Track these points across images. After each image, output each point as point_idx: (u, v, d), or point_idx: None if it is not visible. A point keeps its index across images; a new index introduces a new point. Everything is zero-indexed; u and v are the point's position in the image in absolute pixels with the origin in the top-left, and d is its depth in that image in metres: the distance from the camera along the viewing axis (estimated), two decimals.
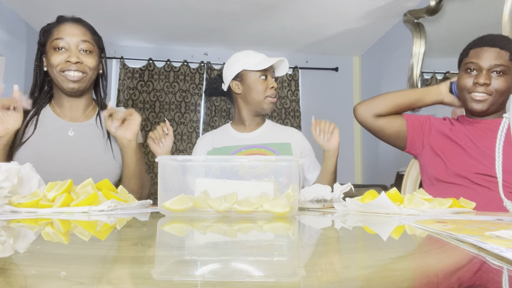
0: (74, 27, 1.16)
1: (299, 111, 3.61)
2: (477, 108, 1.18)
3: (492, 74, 1.15)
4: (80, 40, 1.15)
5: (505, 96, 1.18)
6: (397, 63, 3.05)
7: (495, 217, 0.70)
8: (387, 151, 3.25)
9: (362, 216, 0.75)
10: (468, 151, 1.19)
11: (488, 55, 1.15)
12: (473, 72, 1.18)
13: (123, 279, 0.29)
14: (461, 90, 1.22)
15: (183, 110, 3.52)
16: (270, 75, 1.44)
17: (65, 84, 1.15)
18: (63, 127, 1.20)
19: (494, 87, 1.15)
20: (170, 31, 3.29)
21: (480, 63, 1.16)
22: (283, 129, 1.54)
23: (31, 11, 2.87)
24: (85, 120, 1.24)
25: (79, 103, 1.23)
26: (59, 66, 1.12)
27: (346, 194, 1.02)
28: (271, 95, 1.42)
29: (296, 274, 0.32)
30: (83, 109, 1.25)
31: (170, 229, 0.60)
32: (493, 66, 1.14)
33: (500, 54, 1.14)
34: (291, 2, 2.72)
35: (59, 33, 1.14)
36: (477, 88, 1.16)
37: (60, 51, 1.13)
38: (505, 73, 1.14)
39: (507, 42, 1.17)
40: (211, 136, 1.53)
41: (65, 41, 1.13)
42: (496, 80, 1.15)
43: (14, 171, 0.77)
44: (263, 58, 1.44)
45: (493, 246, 0.37)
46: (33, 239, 0.49)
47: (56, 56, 1.13)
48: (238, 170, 0.76)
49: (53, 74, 1.15)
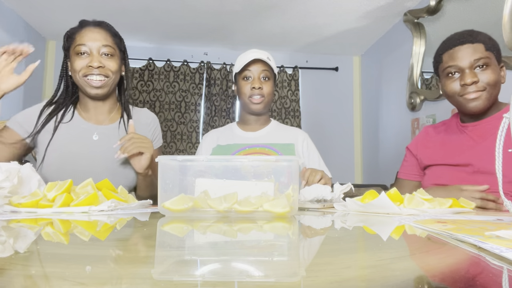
0: (96, 32, 1.18)
1: (299, 111, 3.60)
2: (475, 106, 1.11)
3: (476, 70, 1.10)
4: (101, 44, 1.16)
5: (499, 88, 1.12)
6: (397, 63, 3.05)
7: (495, 217, 0.70)
8: (387, 151, 3.25)
9: (362, 216, 0.75)
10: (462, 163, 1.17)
11: (463, 54, 1.10)
12: (455, 75, 1.13)
13: (123, 279, 0.29)
14: (452, 96, 1.16)
15: (183, 110, 3.52)
16: (255, 75, 1.41)
17: (88, 89, 1.17)
18: (88, 130, 1.22)
19: (485, 82, 1.08)
20: (170, 31, 3.29)
21: (459, 63, 1.11)
22: (288, 129, 1.54)
23: (31, 11, 2.87)
24: (110, 123, 1.26)
25: (103, 106, 1.25)
26: (82, 71, 1.15)
27: (346, 194, 1.02)
28: (252, 96, 1.40)
29: (296, 274, 0.32)
30: (108, 111, 1.27)
31: (170, 229, 0.60)
32: (474, 62, 1.09)
33: (475, 48, 1.09)
34: (291, 2, 2.72)
35: (81, 39, 1.16)
36: (467, 89, 1.10)
37: (83, 56, 1.15)
38: (488, 64, 1.09)
39: (475, 35, 1.12)
40: (216, 133, 1.53)
41: (87, 46, 1.15)
42: (483, 74, 1.09)
43: (14, 171, 0.78)
44: (248, 58, 1.41)
45: (493, 246, 0.37)
46: (33, 239, 0.49)
47: (79, 61, 1.15)
48: (238, 170, 0.76)
49: (77, 79, 1.17)
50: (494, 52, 1.11)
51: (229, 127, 1.56)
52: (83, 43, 1.15)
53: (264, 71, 1.41)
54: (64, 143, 1.17)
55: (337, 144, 3.73)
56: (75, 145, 1.18)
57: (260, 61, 1.39)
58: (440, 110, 2.49)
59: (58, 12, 2.86)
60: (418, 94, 2.69)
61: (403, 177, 1.35)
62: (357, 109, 3.83)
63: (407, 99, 2.83)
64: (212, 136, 1.52)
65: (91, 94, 1.18)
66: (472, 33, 1.13)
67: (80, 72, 1.15)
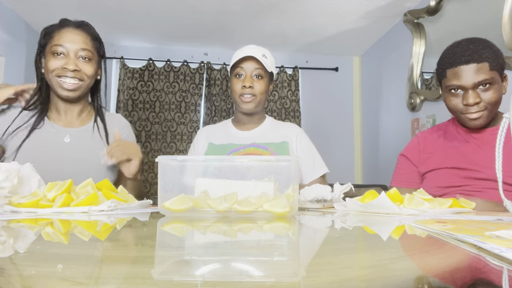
0: (76, 34, 1.14)
1: (299, 111, 3.60)
2: (475, 124, 1.14)
3: (479, 90, 1.10)
4: (80, 48, 1.13)
5: (499, 104, 1.13)
6: (397, 63, 3.05)
7: (495, 217, 0.70)
8: (387, 151, 3.25)
9: (362, 216, 0.75)
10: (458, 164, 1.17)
11: (467, 74, 1.09)
12: (458, 91, 1.13)
13: (123, 279, 0.29)
14: (454, 111, 1.18)
15: (183, 110, 3.52)
16: (247, 73, 1.36)
17: (60, 90, 1.14)
18: (59, 133, 1.18)
19: (486, 102, 1.10)
20: (170, 31, 3.29)
21: (463, 83, 1.10)
22: (282, 126, 1.49)
23: (31, 11, 2.87)
24: (81, 125, 1.23)
25: (74, 108, 1.22)
26: (56, 71, 1.11)
27: (346, 194, 1.02)
28: (243, 94, 1.36)
29: (296, 274, 0.32)
30: (78, 114, 1.23)
31: (170, 229, 0.60)
32: (477, 83, 1.09)
33: (479, 69, 1.08)
34: (291, 2, 2.72)
35: (60, 39, 1.13)
36: (469, 109, 1.12)
37: (59, 56, 1.12)
38: (491, 83, 1.09)
39: (481, 52, 1.10)
40: (210, 130, 1.51)
41: (65, 47, 1.12)
42: (486, 94, 1.10)
43: (14, 171, 0.77)
44: (241, 54, 1.36)
45: (493, 246, 0.37)
46: (33, 239, 0.49)
47: (54, 61, 1.12)
48: (238, 170, 0.76)
49: (49, 78, 1.13)
50: (499, 70, 1.11)
51: (224, 124, 1.53)
52: (60, 43, 1.12)
53: (257, 69, 1.35)
54: (35, 146, 1.13)
55: (337, 144, 3.72)
56: (47, 148, 1.14)
57: (254, 58, 1.34)
58: (440, 110, 2.49)
59: (58, 12, 2.86)
60: (418, 94, 2.69)
61: (403, 186, 1.30)
62: (357, 109, 3.83)
63: (407, 99, 2.83)
64: (207, 132, 1.50)
65: (63, 95, 1.15)
66: (477, 50, 1.10)
67: (53, 72, 1.12)
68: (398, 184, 1.32)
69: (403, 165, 1.33)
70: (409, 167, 1.31)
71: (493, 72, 1.09)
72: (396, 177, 1.34)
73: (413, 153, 1.31)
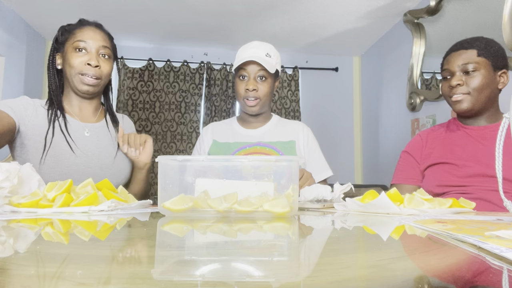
0: (97, 32, 1.18)
1: (299, 111, 3.60)
2: (459, 108, 1.20)
3: (465, 75, 1.17)
4: (101, 45, 1.16)
5: (487, 92, 1.16)
6: (397, 63, 3.05)
7: (495, 217, 0.70)
8: (387, 151, 3.25)
9: (362, 216, 0.75)
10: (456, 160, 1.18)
11: (455, 58, 1.19)
12: (448, 77, 1.22)
13: (123, 279, 0.29)
14: (444, 97, 1.26)
15: (183, 110, 3.52)
16: (251, 75, 1.34)
17: (80, 86, 1.16)
18: (79, 127, 1.20)
19: (471, 86, 1.16)
20: (170, 31, 3.29)
21: (450, 67, 1.20)
22: (289, 125, 1.48)
23: (31, 11, 2.87)
24: (97, 121, 1.26)
25: (89, 104, 1.25)
26: (79, 67, 1.14)
27: (346, 194, 1.02)
28: (247, 98, 1.35)
29: (296, 274, 0.32)
30: (93, 111, 1.26)
31: (170, 229, 0.60)
32: (461, 66, 1.17)
33: (466, 54, 1.17)
34: (291, 2, 2.72)
35: (82, 35, 1.15)
36: (452, 90, 1.20)
37: (81, 52, 1.15)
38: (476, 69, 1.15)
39: (473, 41, 1.19)
40: (215, 127, 1.50)
41: (87, 43, 1.15)
42: (470, 79, 1.16)
43: (14, 171, 0.77)
44: (244, 56, 1.34)
45: (493, 246, 0.37)
46: (33, 239, 0.49)
47: (77, 57, 1.14)
48: (238, 170, 0.76)
49: (70, 74, 1.15)
50: (490, 58, 1.15)
51: (229, 122, 1.53)
52: (83, 39, 1.14)
53: (261, 71, 1.33)
54: (58, 140, 1.14)
55: (337, 144, 3.73)
56: (71, 140, 1.16)
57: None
58: (440, 111, 2.49)
59: (58, 12, 2.86)
60: (418, 94, 2.69)
61: (405, 182, 1.30)
62: (357, 110, 3.83)
63: (407, 100, 2.83)
64: (213, 128, 1.49)
65: (83, 90, 1.16)
66: (471, 40, 1.20)
67: (76, 68, 1.14)
68: (400, 180, 1.32)
69: (405, 161, 1.34)
70: (411, 163, 1.32)
71: (480, 58, 1.15)
72: (398, 174, 1.34)
73: (416, 150, 1.32)
